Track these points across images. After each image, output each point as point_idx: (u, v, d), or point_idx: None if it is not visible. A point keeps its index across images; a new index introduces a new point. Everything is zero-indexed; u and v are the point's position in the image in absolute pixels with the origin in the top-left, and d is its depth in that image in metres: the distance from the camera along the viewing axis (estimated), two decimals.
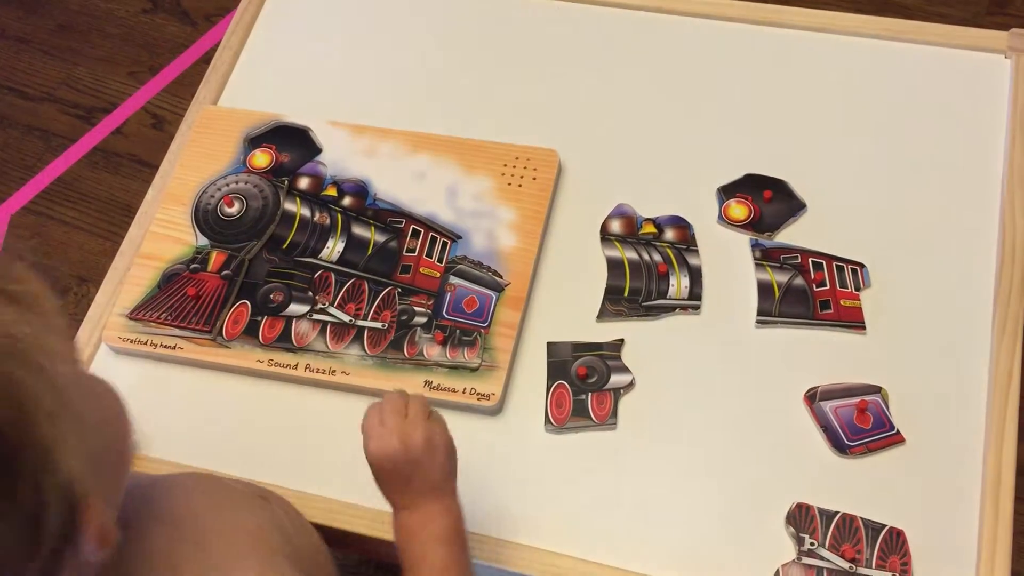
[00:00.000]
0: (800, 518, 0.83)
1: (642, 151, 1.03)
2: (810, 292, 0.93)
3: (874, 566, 0.80)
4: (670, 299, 0.94)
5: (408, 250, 0.98)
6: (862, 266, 0.94)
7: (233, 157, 1.06)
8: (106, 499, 0.53)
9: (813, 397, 0.88)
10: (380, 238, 1.00)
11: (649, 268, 0.96)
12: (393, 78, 1.12)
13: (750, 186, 0.99)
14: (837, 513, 0.82)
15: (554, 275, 0.97)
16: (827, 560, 0.81)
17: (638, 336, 0.92)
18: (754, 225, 0.97)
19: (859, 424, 0.86)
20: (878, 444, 0.85)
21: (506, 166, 1.02)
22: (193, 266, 0.99)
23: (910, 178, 0.99)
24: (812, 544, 0.81)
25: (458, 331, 0.93)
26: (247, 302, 0.97)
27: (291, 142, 1.07)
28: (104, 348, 0.97)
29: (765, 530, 0.83)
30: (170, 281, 0.99)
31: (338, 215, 1.01)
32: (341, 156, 1.05)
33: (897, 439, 0.85)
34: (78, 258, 1.80)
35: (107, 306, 0.99)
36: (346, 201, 1.02)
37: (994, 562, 0.79)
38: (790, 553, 0.82)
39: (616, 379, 0.90)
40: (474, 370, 0.91)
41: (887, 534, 0.81)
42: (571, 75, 1.09)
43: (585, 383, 0.90)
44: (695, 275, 0.95)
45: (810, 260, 0.95)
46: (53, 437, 0.48)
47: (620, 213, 0.99)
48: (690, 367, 0.91)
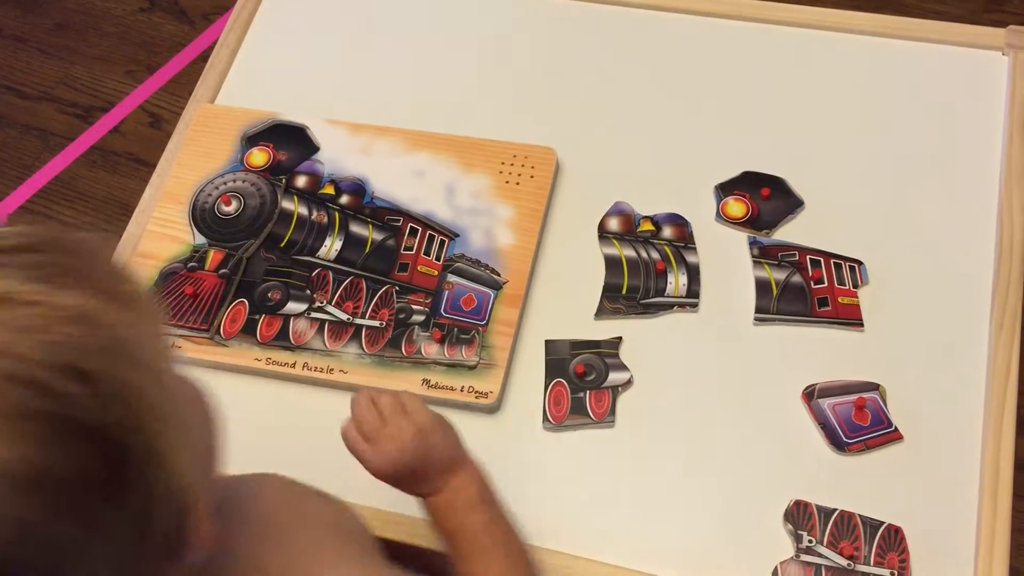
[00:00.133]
0: (798, 515, 0.83)
1: (640, 149, 1.03)
2: (808, 289, 0.93)
3: (872, 563, 0.80)
4: (668, 297, 0.94)
5: (406, 248, 0.98)
6: (860, 263, 0.94)
7: (230, 155, 1.06)
8: (207, 502, 0.52)
9: (811, 394, 0.88)
10: (378, 236, 0.99)
11: (647, 266, 0.96)
12: (390, 76, 1.12)
13: (748, 184, 0.99)
14: (835, 510, 0.82)
15: (552, 273, 0.97)
16: (825, 557, 0.81)
17: (636, 334, 0.92)
18: (752, 223, 0.97)
19: (857, 421, 0.86)
20: (876, 441, 0.85)
21: (504, 164, 1.02)
22: (191, 265, 0.99)
23: (908, 175, 0.99)
24: (810, 541, 0.81)
25: (456, 329, 0.93)
26: (245, 301, 0.97)
27: (289, 140, 1.07)
28: None
29: (763, 527, 0.83)
30: (168, 280, 0.99)
31: (336, 213, 1.01)
32: (339, 154, 1.05)
33: (895, 436, 0.85)
34: None
35: None
36: (344, 199, 1.02)
37: (992, 559, 0.79)
38: (788, 550, 0.82)
39: (614, 377, 0.90)
40: (472, 368, 0.91)
41: (885, 531, 0.81)
42: (569, 73, 1.09)
43: (583, 381, 0.90)
44: (693, 273, 0.95)
45: (808, 257, 0.95)
46: (165, 442, 0.47)
47: (618, 211, 0.99)
48: (688, 365, 0.91)
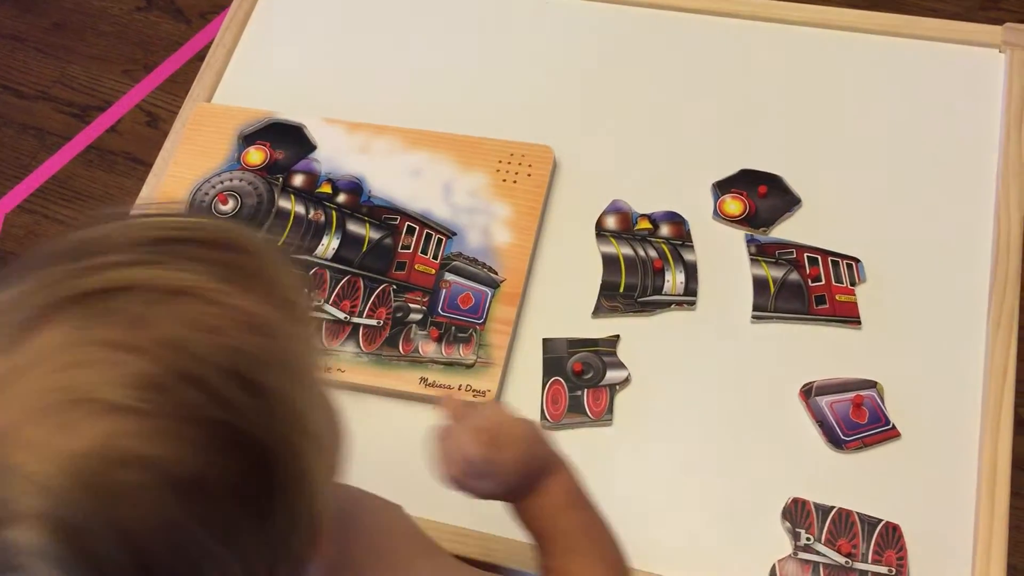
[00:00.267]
0: (796, 513, 0.83)
1: (637, 147, 1.03)
2: (805, 287, 0.93)
3: (870, 561, 0.80)
4: (665, 295, 0.94)
5: (403, 247, 0.98)
6: (857, 261, 0.94)
7: (227, 154, 1.06)
8: (329, 519, 0.49)
9: (809, 392, 0.88)
10: (375, 235, 0.99)
11: (644, 264, 0.96)
12: (387, 75, 1.12)
13: (745, 181, 0.99)
14: (833, 508, 0.82)
15: (549, 271, 0.97)
16: (823, 555, 0.81)
17: (634, 332, 0.92)
18: (749, 220, 0.97)
19: (855, 419, 0.86)
20: (874, 439, 0.85)
21: (501, 162, 1.02)
22: None
23: (905, 173, 0.99)
24: (808, 539, 0.81)
25: (453, 328, 0.93)
26: None
27: (285, 139, 1.06)
28: None
29: (761, 525, 0.83)
30: None
31: (333, 212, 1.01)
32: (335, 153, 1.05)
33: (893, 434, 0.85)
34: None
35: None
36: (341, 198, 1.02)
37: (990, 556, 0.79)
38: (786, 548, 0.82)
39: (612, 375, 0.90)
40: (469, 367, 0.91)
41: (883, 529, 0.81)
42: (566, 71, 1.09)
43: (581, 379, 0.90)
44: (690, 271, 0.95)
45: (805, 255, 0.95)
46: (313, 463, 0.45)
47: (615, 209, 0.99)
48: (686, 363, 0.91)
